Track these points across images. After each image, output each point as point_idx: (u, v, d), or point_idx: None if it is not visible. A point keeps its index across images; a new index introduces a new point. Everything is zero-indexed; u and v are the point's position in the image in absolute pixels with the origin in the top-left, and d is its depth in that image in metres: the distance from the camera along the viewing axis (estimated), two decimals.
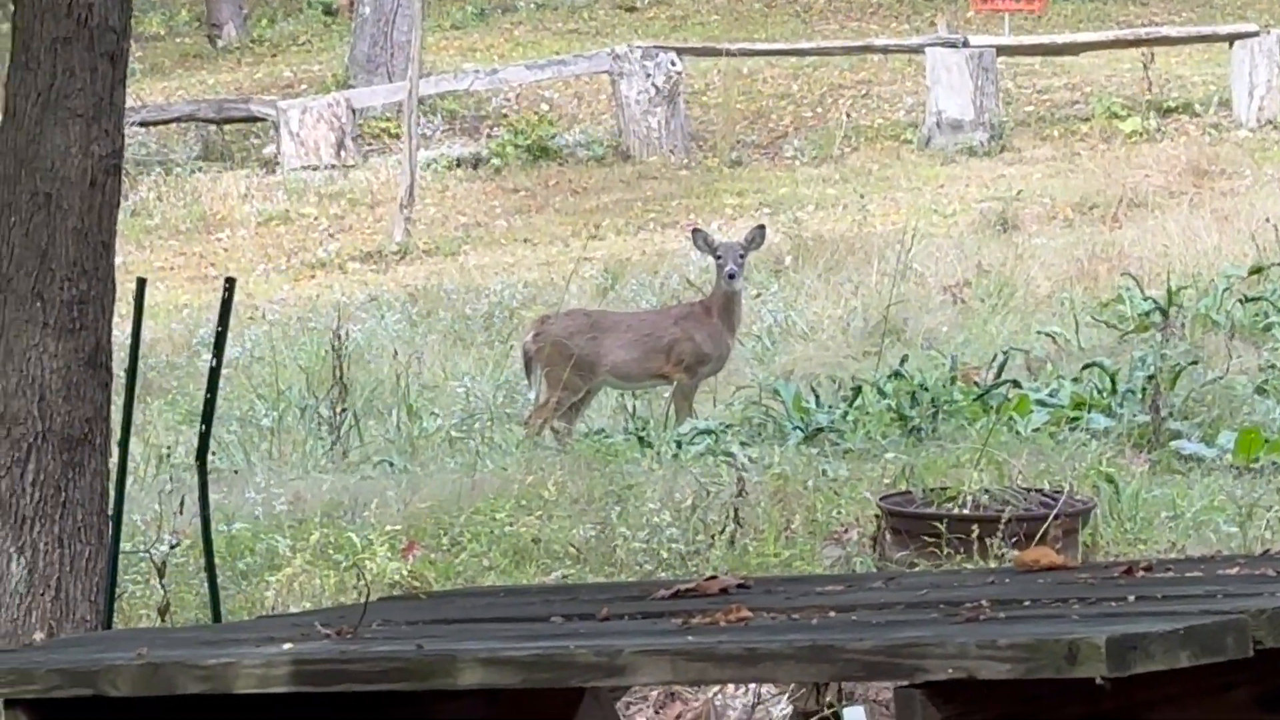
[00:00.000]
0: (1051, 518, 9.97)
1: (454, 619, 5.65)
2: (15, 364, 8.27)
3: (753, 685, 8.46)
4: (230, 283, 10.28)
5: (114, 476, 8.80)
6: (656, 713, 8.71)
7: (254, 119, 28.43)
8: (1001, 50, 27.36)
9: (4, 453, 8.25)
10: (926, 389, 14.56)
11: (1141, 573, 5.20)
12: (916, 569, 9.12)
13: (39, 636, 7.81)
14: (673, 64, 27.40)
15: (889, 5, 33.14)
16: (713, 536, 11.23)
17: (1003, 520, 10.03)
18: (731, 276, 15.70)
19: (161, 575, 9.76)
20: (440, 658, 4.48)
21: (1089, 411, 14.06)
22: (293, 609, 8.75)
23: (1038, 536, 9.64)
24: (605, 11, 33.43)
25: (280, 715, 5.19)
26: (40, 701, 4.99)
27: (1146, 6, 31.63)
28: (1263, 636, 3.84)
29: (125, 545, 9.38)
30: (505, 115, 28.71)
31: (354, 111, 28.94)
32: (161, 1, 32.12)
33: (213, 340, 10.02)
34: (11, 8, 9.70)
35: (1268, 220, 19.41)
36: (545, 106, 28.85)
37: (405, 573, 10.68)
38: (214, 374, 9.89)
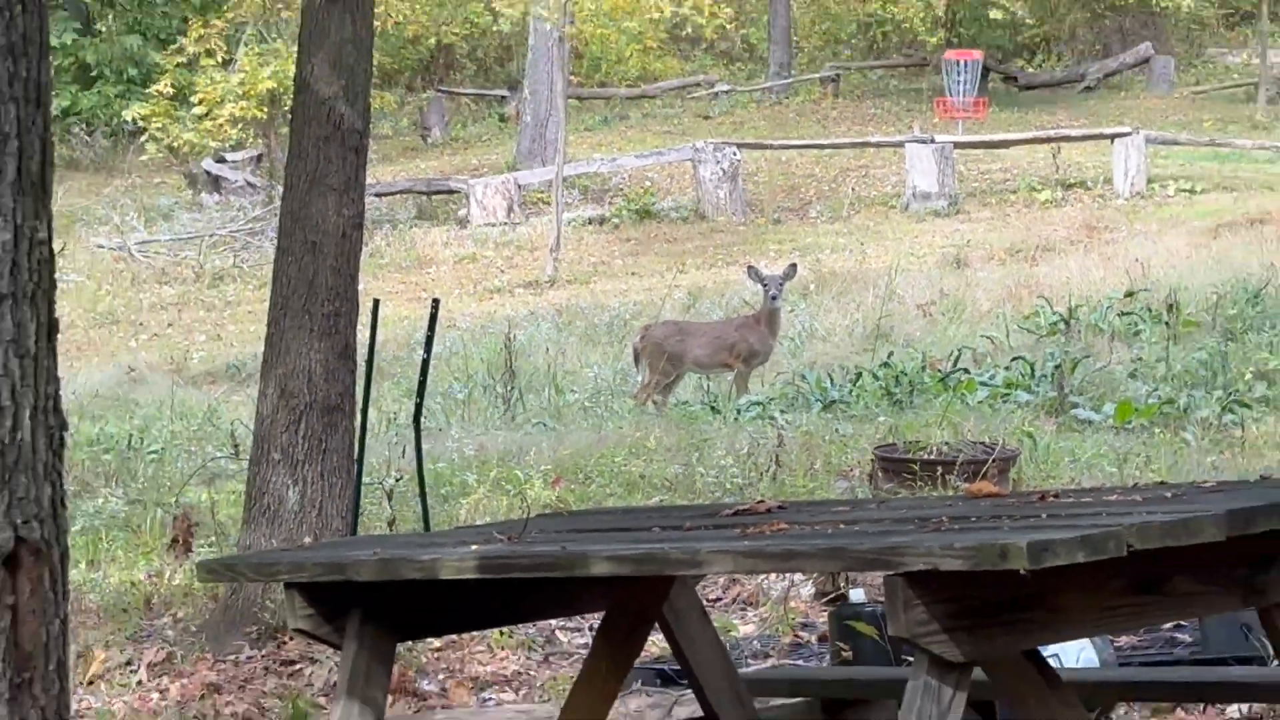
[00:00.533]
0: (990, 461, 10.05)
1: (587, 529, 5.61)
2: (292, 357, 8.31)
3: (788, 575, 8.44)
4: (435, 303, 10.52)
5: (358, 433, 8.91)
6: (723, 593, 8.62)
7: (452, 191, 28.63)
8: (957, 145, 27.56)
9: (285, 416, 8.29)
10: (905, 374, 14.66)
11: (1051, 499, 5.04)
12: (899, 496, 9.14)
13: (308, 540, 7.91)
14: (734, 154, 27.41)
15: (881, 115, 33.07)
16: (761, 474, 11.25)
17: (957, 463, 10.12)
18: (774, 298, 15.86)
19: (390, 499, 9.80)
20: (578, 555, 4.52)
21: (1015, 390, 14.16)
22: (477, 522, 8.80)
23: (981, 474, 9.67)
24: (689, 119, 33.40)
25: (470, 595, 5.28)
26: (309, 585, 5.08)
27: (1054, 115, 31.49)
28: (1133, 541, 3.81)
29: (365, 479, 9.52)
30: (621, 189, 28.78)
31: (519, 186, 28.80)
32: (390, 113, 32.25)
33: (424, 341, 10.12)
34: (289, 117, 9.69)
35: (1136, 260, 19.49)
36: (648, 182, 28.86)
37: (553, 498, 10.62)
38: (425, 364, 9.99)
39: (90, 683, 7.67)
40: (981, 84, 32.72)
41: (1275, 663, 5.91)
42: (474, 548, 4.89)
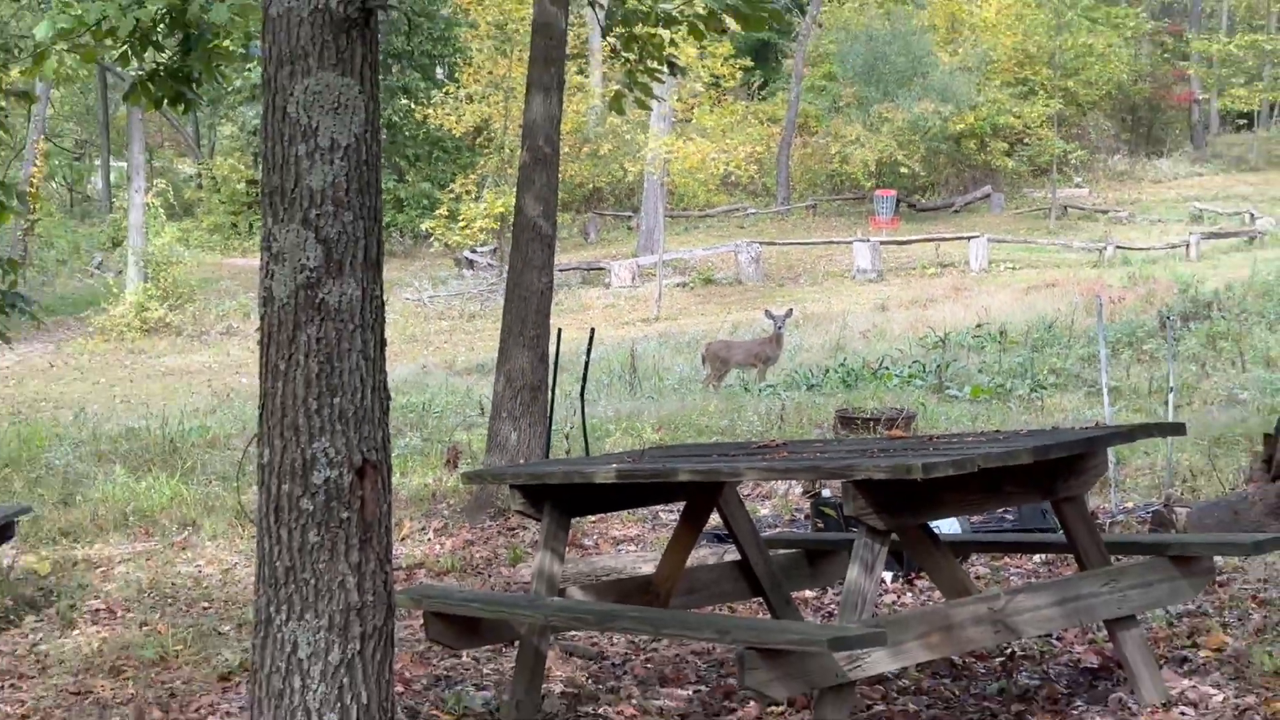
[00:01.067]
0: (900, 418, 9.93)
1: (676, 455, 5.45)
2: (512, 360, 8.21)
3: (788, 481, 8.40)
4: (592, 331, 10.59)
5: (549, 402, 8.94)
6: (751, 490, 8.70)
7: (600, 269, 28.47)
8: (882, 243, 27.66)
9: (508, 393, 8.17)
10: (853, 371, 14.48)
11: (934, 440, 5.07)
12: (850, 438, 9.19)
13: (521, 462, 7.90)
14: (758, 248, 27.68)
15: (839, 226, 32.65)
16: (772, 425, 11.09)
17: (882, 419, 9.89)
18: (779, 329, 15.73)
19: (566, 439, 9.86)
20: (671, 469, 4.57)
21: (914, 379, 13.90)
22: (615, 451, 9.04)
23: (894, 425, 9.54)
24: (732, 227, 33.36)
25: (611, 491, 5.10)
26: (523, 485, 5.01)
27: (936, 226, 31.53)
28: (981, 463, 3.86)
29: (554, 428, 9.47)
30: (695, 267, 28.82)
31: (638, 266, 28.22)
32: (566, 224, 32.61)
33: (585, 351, 10.15)
34: (512, 227, 9.72)
35: (983, 307, 19.06)
36: (709, 264, 28.96)
37: (657, 438, 10.81)
38: (586, 364, 9.99)
39: (402, 540, 7.94)
40: (895, 208, 32.49)
41: (1060, 531, 5.74)
42: (613, 465, 4.91)
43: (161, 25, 7.24)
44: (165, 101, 7.68)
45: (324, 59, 3.13)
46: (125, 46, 7.29)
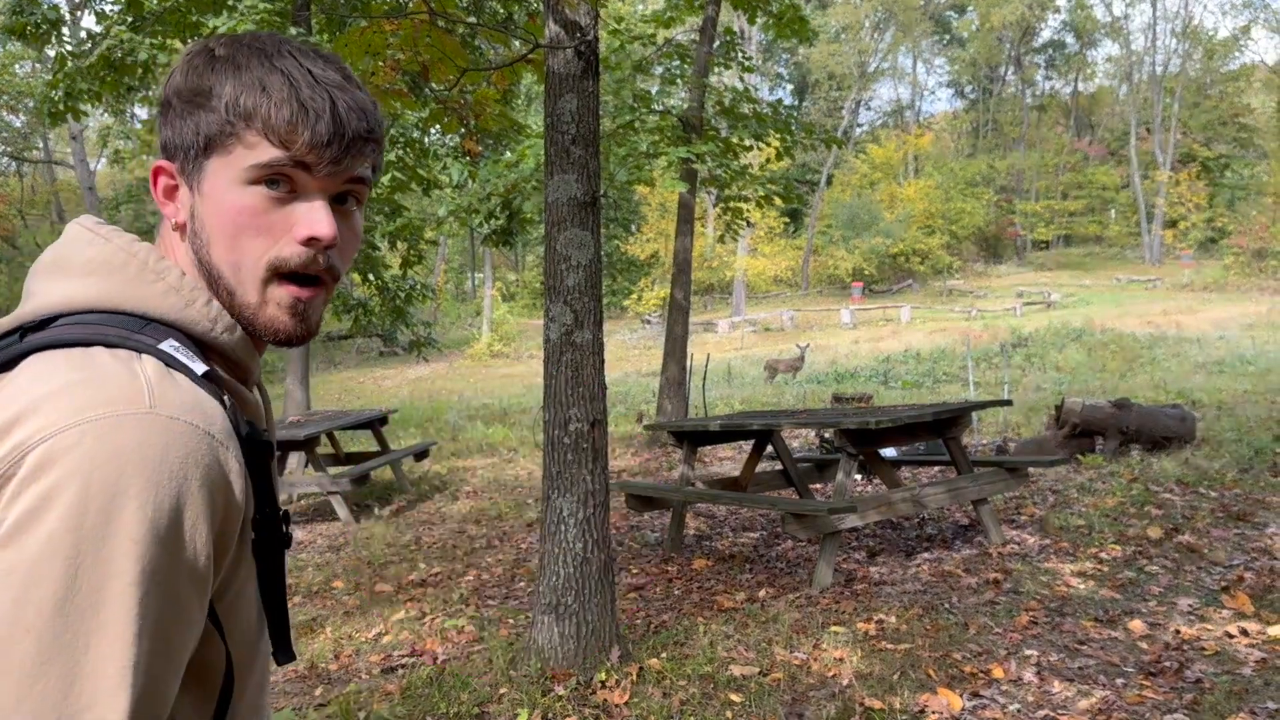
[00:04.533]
0: (867, 398, 9.48)
1: (750, 416, 5.29)
2: (669, 370, 8.21)
3: (809, 429, 7.98)
4: (707, 355, 11.11)
5: (689, 389, 8.52)
6: (790, 434, 8.43)
7: (713, 324, 28.80)
8: (856, 309, 28.10)
9: (668, 386, 8.18)
10: (841, 375, 14.67)
11: (883, 409, 4.93)
12: (839, 407, 7.45)
13: (673, 420, 7.73)
14: (792, 313, 27.69)
15: (833, 300, 32.42)
16: (799, 401, 10.91)
17: (856, 399, 9.49)
18: (803, 353, 15.78)
19: (696, 409, 9.67)
20: (747, 423, 4.60)
21: (873, 378, 13.87)
22: (716, 414, 8.88)
23: (861, 400, 9.25)
24: (778, 301, 32.54)
25: (716, 434, 5.03)
26: (674, 431, 4.96)
27: (883, 299, 30.39)
28: (909, 421, 4.03)
29: (690, 403, 9.22)
30: (760, 322, 28.55)
31: (731, 322, 28.97)
32: (692, 301, 32.13)
33: (704, 362, 9.85)
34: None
35: (909, 343, 19.55)
36: (767, 321, 28.10)
37: (740, 408, 10.15)
38: (705, 370, 10.33)
39: (615, 458, 7.67)
40: (862, 291, 34.85)
41: (947, 454, 5.36)
42: (719, 421, 4.90)
43: (499, 208, 8.26)
44: (500, 243, 8.69)
45: (574, 222, 3.21)
46: (482, 217, 8.32)
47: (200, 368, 0.60)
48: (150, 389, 0.56)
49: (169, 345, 0.60)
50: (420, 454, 7.01)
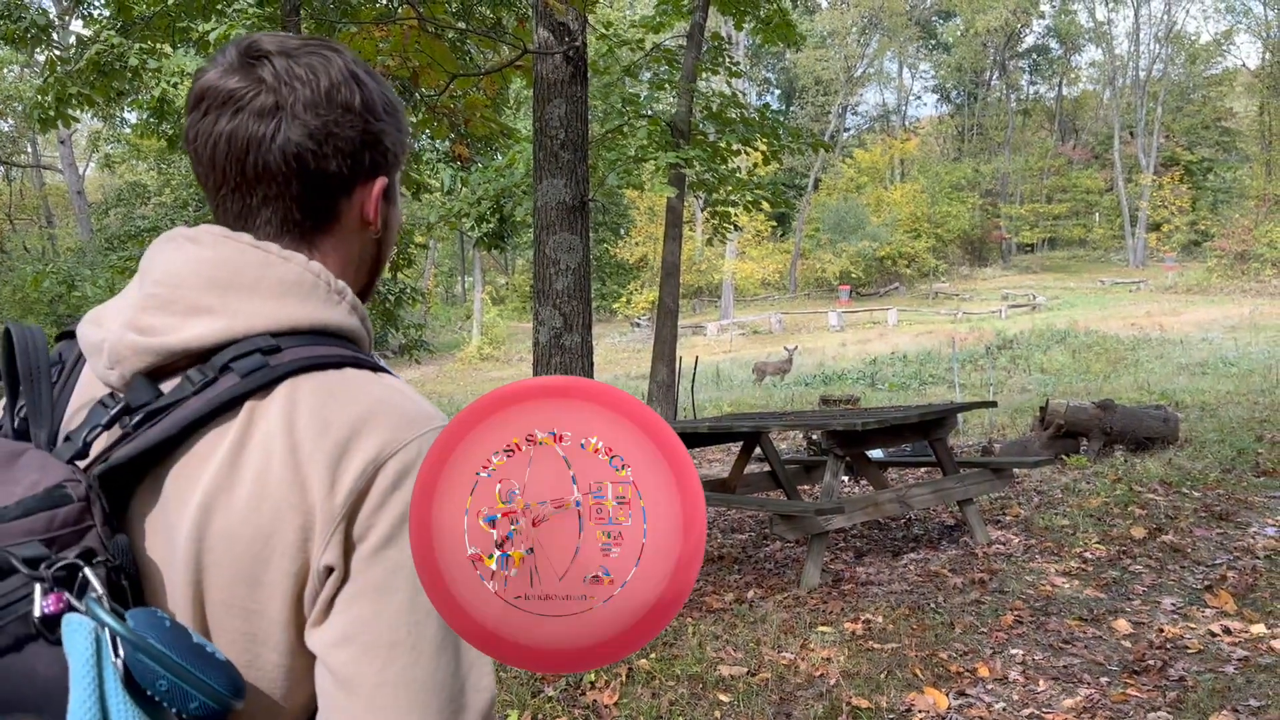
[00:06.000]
0: (851, 400, 9.50)
1: (739, 418, 5.20)
2: (658, 372, 8.13)
3: (797, 431, 7.59)
4: (696, 358, 10.87)
5: (678, 391, 8.43)
6: (779, 435, 8.34)
7: (702, 326, 29.11)
8: (845, 312, 28.25)
9: (657, 388, 7.88)
10: (828, 376, 14.69)
11: (870, 410, 5.09)
12: (826, 409, 8.18)
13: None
14: (780, 315, 28.47)
15: (821, 303, 32.39)
16: (788, 404, 11.04)
17: (844, 401, 9.47)
18: (791, 355, 15.76)
19: (685, 411, 9.47)
20: (734, 425, 4.53)
21: (860, 380, 13.97)
22: (706, 417, 9.31)
23: (849, 403, 9.23)
24: (766, 304, 32.74)
25: (705, 436, 4.98)
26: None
27: (870, 302, 30.99)
28: (895, 422, 4.04)
29: (679, 405, 8.86)
30: (748, 325, 28.58)
31: (720, 324, 29.04)
32: (681, 304, 32.05)
33: (693, 364, 9.79)
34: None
35: (896, 345, 19.41)
36: (756, 324, 28.70)
37: (729, 410, 10.23)
38: (694, 371, 10.20)
39: None
40: (849, 294, 34.87)
41: (933, 455, 5.34)
42: (707, 422, 4.80)
43: (489, 212, 8.28)
44: (491, 247, 8.50)
45: (562, 226, 3.25)
46: (473, 221, 8.39)
47: None
48: (427, 403, 0.62)
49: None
50: None
